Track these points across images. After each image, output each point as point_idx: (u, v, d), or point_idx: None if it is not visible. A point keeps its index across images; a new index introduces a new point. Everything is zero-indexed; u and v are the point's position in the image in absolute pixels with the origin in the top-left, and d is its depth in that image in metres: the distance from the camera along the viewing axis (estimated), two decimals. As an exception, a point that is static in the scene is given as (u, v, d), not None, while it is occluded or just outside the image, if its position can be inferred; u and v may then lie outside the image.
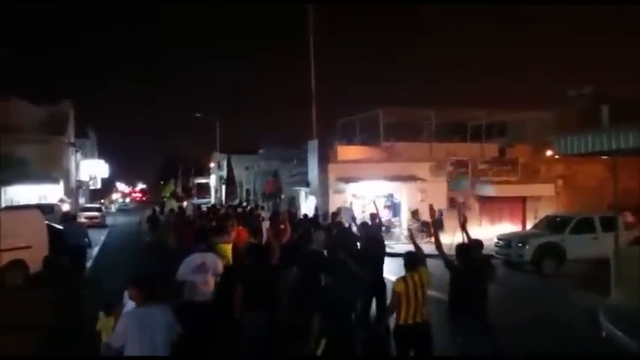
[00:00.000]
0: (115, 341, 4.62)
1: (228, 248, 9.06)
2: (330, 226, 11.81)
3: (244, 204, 24.23)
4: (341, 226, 11.58)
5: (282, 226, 9.72)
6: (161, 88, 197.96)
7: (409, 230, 10.55)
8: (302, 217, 16.17)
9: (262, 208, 19.33)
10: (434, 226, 8.27)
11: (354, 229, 10.67)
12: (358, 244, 9.57)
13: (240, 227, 10.74)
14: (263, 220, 13.64)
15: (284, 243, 8.01)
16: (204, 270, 7.22)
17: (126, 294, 4.97)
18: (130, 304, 4.98)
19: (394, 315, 6.07)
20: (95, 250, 19.97)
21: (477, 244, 7.26)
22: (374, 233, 9.63)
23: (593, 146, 9.19)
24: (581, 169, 23.01)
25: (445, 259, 6.68)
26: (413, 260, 6.27)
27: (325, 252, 8.33)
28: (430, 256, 7.27)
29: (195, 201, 29.61)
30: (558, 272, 14.68)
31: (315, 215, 15.47)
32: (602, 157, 12.19)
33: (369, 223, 10.30)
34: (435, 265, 7.20)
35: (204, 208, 23.20)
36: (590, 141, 9.23)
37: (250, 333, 6.45)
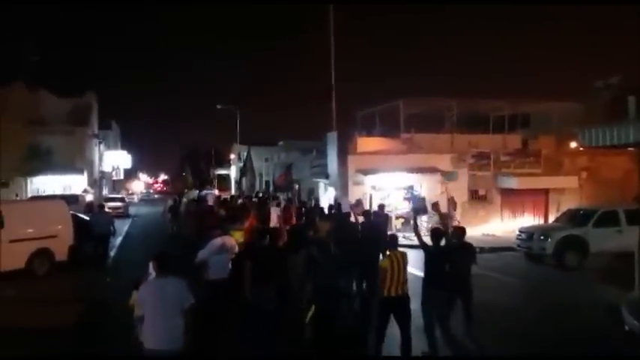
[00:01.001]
0: (138, 309, 5.32)
1: (238, 235, 9.69)
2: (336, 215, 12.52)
3: (260, 195, 24.71)
4: (346, 216, 12.24)
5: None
6: (183, 79, 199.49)
7: (414, 220, 10.95)
8: (313, 206, 16.93)
9: (276, 198, 19.63)
10: (413, 212, 11.09)
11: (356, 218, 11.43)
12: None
13: (252, 215, 11.53)
14: (271, 208, 14.39)
15: (289, 229, 9.07)
16: (223, 250, 8.22)
17: (150, 266, 5.75)
18: (153, 275, 5.70)
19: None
20: (119, 240, 20.34)
21: (460, 231, 8.58)
22: (376, 223, 10.76)
23: (619, 138, 9.02)
24: (606, 161, 22.57)
25: (420, 241, 8.03)
26: (395, 241, 7.41)
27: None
28: None
29: (204, 192, 30.01)
30: (581, 266, 14.48)
31: (331, 206, 15.83)
32: (628, 149, 11.93)
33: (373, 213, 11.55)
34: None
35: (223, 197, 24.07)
36: (616, 133, 9.06)
37: (259, 306, 7.21)
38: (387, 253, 7.21)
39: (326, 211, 14.61)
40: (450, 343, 7.61)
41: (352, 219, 11.40)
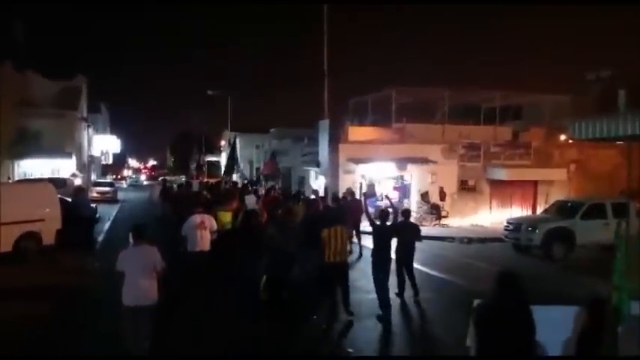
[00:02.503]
0: (118, 266, 6.46)
1: (226, 215, 11.18)
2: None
3: (245, 181, 26.77)
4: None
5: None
6: (174, 64, 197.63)
7: (364, 203, 12.27)
8: (295, 193, 18.44)
9: (254, 185, 21.39)
10: (363, 195, 14.21)
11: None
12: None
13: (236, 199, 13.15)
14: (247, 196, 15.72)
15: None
16: (202, 227, 9.65)
17: (130, 235, 6.76)
18: (132, 243, 6.76)
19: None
20: (107, 225, 20.22)
21: (406, 213, 10.71)
22: (344, 206, 13.77)
23: (609, 131, 9.03)
24: (595, 154, 22.77)
25: (369, 220, 9.64)
26: (334, 218, 9.01)
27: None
28: (437, 238, 7.73)
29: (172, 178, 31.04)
30: (567, 257, 14.63)
31: (315, 192, 17.63)
32: (617, 142, 12.02)
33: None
34: (442, 246, 7.69)
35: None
36: (606, 126, 9.08)
37: (243, 270, 9.06)
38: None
39: (313, 196, 15.90)
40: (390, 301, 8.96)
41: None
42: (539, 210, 20.98)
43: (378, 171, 21.76)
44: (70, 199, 15.44)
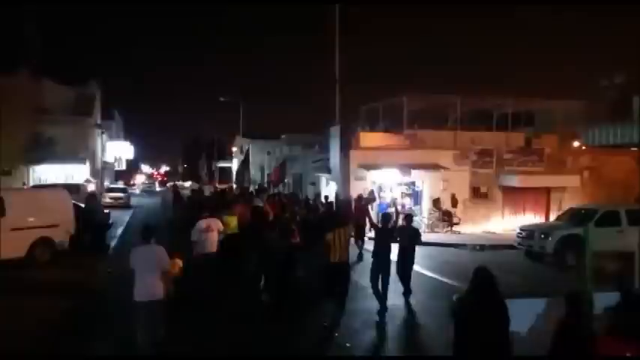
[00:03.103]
0: (130, 264, 6.96)
1: (232, 220, 11.80)
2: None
3: (257, 187, 27.17)
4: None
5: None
6: (187, 71, 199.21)
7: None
8: (303, 199, 19.66)
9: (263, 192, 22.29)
10: (364, 202, 15.79)
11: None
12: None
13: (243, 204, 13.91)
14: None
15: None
16: (209, 230, 10.30)
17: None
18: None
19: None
20: (120, 230, 20.37)
21: (408, 217, 11.12)
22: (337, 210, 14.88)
23: (622, 138, 9.02)
24: (608, 160, 22.51)
25: (371, 223, 11.15)
26: (341, 221, 9.59)
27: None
28: (449, 245, 7.81)
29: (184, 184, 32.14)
30: (580, 265, 14.45)
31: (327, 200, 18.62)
32: (631, 149, 11.92)
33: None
34: (454, 253, 7.77)
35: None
36: (619, 133, 9.05)
37: (248, 268, 10.17)
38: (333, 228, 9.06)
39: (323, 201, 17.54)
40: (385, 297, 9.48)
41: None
42: (552, 217, 20.78)
43: (389, 177, 21.70)
44: (83, 205, 15.60)
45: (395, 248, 10.14)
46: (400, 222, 10.75)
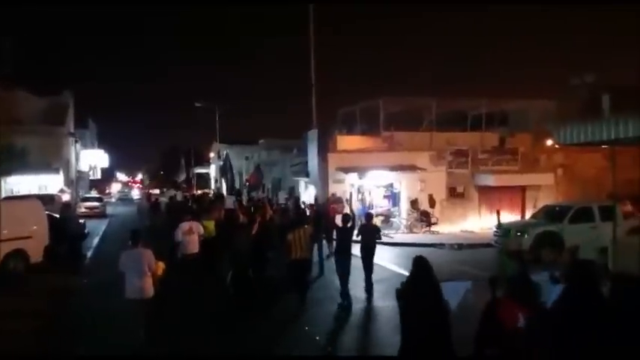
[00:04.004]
0: (120, 267, 7.74)
1: (209, 224, 12.58)
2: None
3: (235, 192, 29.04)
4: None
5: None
6: (161, 77, 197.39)
7: (349, 204, 15.46)
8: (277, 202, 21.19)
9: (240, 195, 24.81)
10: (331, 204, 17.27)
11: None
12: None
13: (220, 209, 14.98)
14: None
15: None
16: (191, 232, 11.19)
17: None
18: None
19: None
20: (95, 240, 20.05)
21: (369, 216, 11.97)
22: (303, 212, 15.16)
23: (593, 136, 9.17)
24: (581, 158, 22.98)
25: (329, 224, 12.90)
26: (300, 221, 11.11)
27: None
28: (428, 245, 8.04)
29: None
30: (556, 261, 14.71)
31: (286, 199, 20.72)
32: (602, 146, 12.16)
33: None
34: (432, 253, 8.03)
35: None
36: (590, 130, 9.21)
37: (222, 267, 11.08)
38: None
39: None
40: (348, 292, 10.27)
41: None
42: (528, 215, 21.12)
43: (368, 179, 21.81)
44: (57, 216, 15.33)
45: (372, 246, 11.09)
46: (357, 221, 11.78)
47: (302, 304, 10.00)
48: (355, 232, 11.14)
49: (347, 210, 14.44)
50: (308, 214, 15.05)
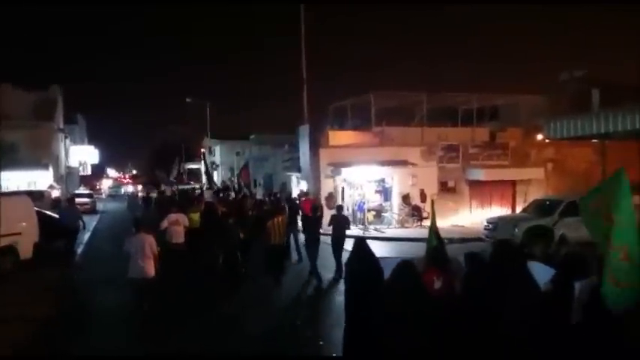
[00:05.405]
0: (126, 248, 8.83)
1: (195, 215, 13.88)
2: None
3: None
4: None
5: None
6: (152, 72, 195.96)
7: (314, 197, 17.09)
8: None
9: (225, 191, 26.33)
10: (300, 197, 18.32)
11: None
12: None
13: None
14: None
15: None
16: (177, 223, 12.20)
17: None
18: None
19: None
20: (86, 236, 19.93)
21: (339, 207, 13.37)
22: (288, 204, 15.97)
23: (583, 130, 9.27)
24: (571, 152, 23.15)
25: (300, 214, 14.04)
26: (275, 210, 12.43)
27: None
28: (419, 239, 8.12)
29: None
30: (546, 255, 14.82)
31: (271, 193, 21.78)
32: (592, 140, 12.28)
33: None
34: (423, 247, 8.14)
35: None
36: (580, 125, 9.30)
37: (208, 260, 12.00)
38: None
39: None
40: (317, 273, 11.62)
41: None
42: (519, 209, 21.26)
43: (359, 174, 21.84)
44: (52, 213, 15.28)
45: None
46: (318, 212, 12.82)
47: (278, 284, 11.14)
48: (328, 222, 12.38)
49: (339, 204, 15.18)
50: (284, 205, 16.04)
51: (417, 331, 4.69)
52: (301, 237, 13.58)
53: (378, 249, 10.20)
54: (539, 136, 22.65)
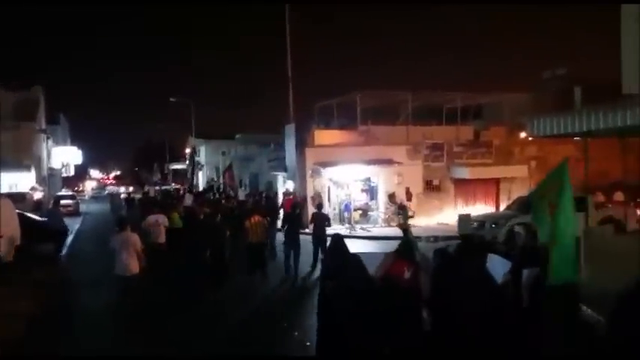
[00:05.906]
0: (111, 245, 9.09)
1: (175, 216, 14.24)
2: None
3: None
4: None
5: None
6: (135, 72, 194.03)
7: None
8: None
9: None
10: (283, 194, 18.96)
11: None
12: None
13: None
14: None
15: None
16: (157, 224, 12.48)
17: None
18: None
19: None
20: (70, 238, 19.68)
21: (318, 205, 13.86)
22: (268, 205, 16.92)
23: (565, 128, 9.36)
24: (554, 150, 23.35)
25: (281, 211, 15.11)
26: (251, 212, 12.73)
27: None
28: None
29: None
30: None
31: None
32: (574, 138, 12.42)
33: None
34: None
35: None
36: (562, 123, 9.39)
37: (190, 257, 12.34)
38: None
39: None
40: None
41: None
42: (502, 207, 21.44)
43: (345, 174, 21.86)
44: (34, 215, 15.09)
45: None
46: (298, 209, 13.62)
47: (264, 279, 11.65)
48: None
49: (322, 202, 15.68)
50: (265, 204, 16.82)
51: (372, 323, 4.93)
52: (279, 236, 14.14)
53: (365, 248, 10.32)
54: (523, 134, 22.85)
